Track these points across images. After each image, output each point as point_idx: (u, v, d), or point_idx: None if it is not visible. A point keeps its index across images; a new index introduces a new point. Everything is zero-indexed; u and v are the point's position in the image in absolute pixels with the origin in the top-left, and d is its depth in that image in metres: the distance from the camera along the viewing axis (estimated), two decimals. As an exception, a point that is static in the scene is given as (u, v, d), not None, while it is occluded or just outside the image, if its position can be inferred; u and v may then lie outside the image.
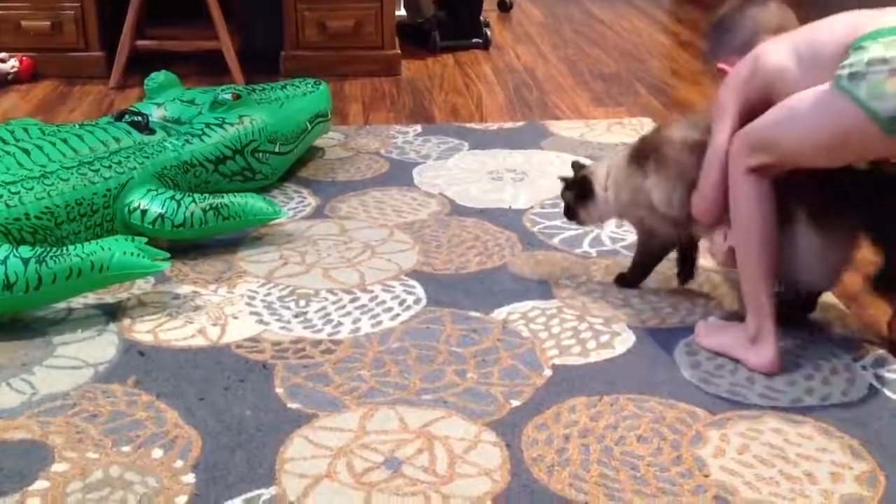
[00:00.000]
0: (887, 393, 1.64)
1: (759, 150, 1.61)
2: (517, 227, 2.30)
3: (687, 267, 2.00)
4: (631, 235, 2.23)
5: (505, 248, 2.18)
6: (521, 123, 3.05)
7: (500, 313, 1.89)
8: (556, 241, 2.22)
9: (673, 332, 1.83)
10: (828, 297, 1.95)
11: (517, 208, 2.40)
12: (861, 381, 1.67)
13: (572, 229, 2.27)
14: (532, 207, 2.40)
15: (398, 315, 1.89)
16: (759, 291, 1.68)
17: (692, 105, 3.26)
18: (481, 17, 4.07)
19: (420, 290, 1.99)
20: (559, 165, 2.68)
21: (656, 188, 1.86)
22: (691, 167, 1.78)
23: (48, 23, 3.41)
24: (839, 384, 1.66)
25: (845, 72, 1.47)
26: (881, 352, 1.76)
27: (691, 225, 1.85)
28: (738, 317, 1.89)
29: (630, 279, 2.02)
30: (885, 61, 1.43)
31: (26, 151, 2.03)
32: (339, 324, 1.85)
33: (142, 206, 2.07)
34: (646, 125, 3.01)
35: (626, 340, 1.80)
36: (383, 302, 1.94)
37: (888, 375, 1.69)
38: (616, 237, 2.24)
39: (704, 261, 2.11)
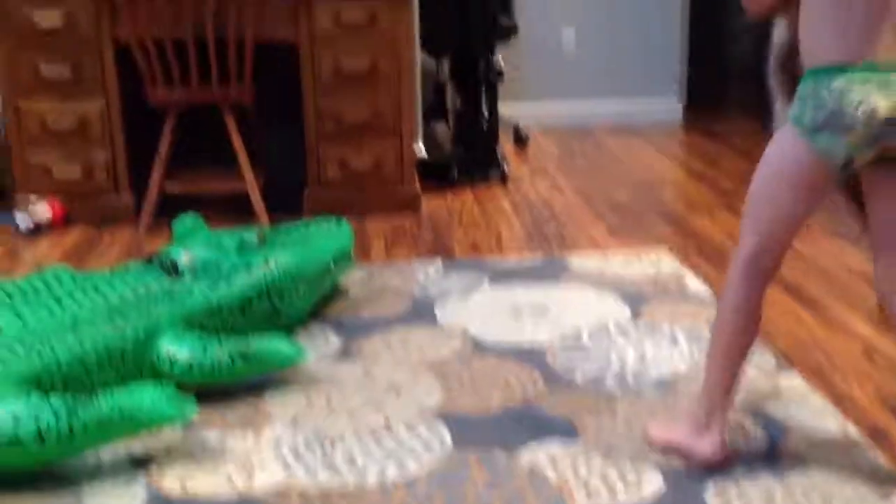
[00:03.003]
0: (922, 535, 1.61)
1: (748, 224, 1.74)
2: (540, 363, 2.31)
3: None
4: (656, 371, 2.24)
5: (528, 385, 2.19)
6: (539, 257, 3.10)
7: (525, 454, 1.89)
8: (579, 378, 2.23)
9: (702, 474, 1.81)
10: (854, 435, 1.94)
11: (539, 344, 2.41)
12: (895, 522, 1.65)
13: (595, 366, 2.28)
14: (554, 343, 2.42)
15: (423, 458, 1.89)
16: (717, 389, 1.81)
17: (708, 236, 3.30)
18: (498, 152, 4.18)
19: (445, 432, 1.99)
20: (578, 299, 2.71)
21: None
22: None
23: (79, 169, 3.53)
24: (873, 526, 1.64)
25: (807, 117, 1.62)
26: (913, 491, 1.74)
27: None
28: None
29: None
30: (839, 116, 1.59)
31: (58, 300, 2.08)
32: (365, 468, 1.85)
33: (169, 352, 2.10)
34: (663, 257, 3.05)
35: (654, 483, 1.79)
36: (408, 445, 1.94)
37: (922, 516, 1.67)
38: (640, 373, 2.24)
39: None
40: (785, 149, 1.68)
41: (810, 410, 2.05)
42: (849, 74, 1.58)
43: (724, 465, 1.82)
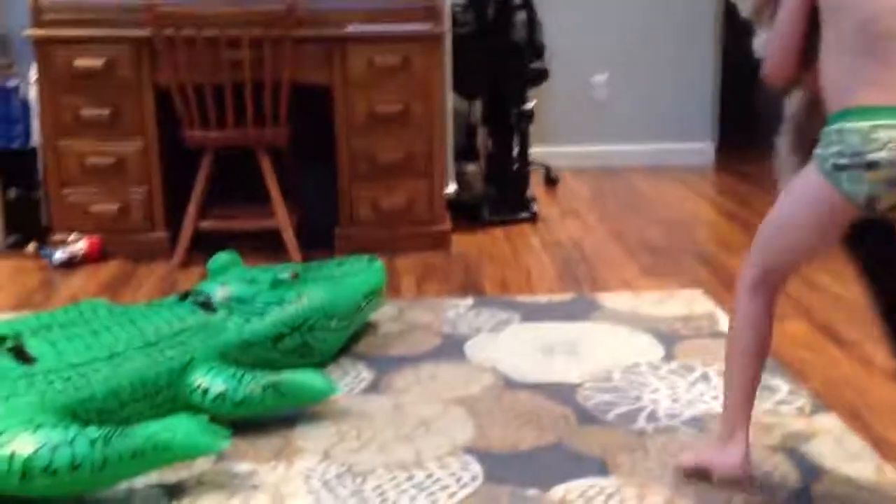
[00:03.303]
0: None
1: (758, 253, 1.80)
2: (571, 401, 2.30)
3: None
4: (688, 411, 2.22)
5: (559, 423, 2.18)
6: (570, 296, 3.10)
7: (557, 492, 1.88)
8: (611, 416, 2.22)
9: (735, 512, 1.79)
10: (891, 477, 1.91)
11: (570, 382, 2.41)
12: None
13: (627, 405, 2.27)
14: (585, 381, 2.41)
15: (455, 493, 1.88)
16: (738, 399, 1.85)
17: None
18: (528, 192, 4.20)
19: (476, 467, 1.98)
20: (610, 338, 2.70)
21: None
22: None
23: (116, 206, 3.59)
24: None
25: (830, 160, 1.65)
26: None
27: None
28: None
29: None
30: (862, 156, 1.62)
31: (95, 333, 2.11)
32: (396, 503, 1.85)
33: (203, 385, 2.11)
34: (696, 297, 3.04)
35: (687, 520, 1.77)
36: (439, 479, 1.94)
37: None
38: (673, 413, 2.23)
39: (764, 438, 2.09)
40: (807, 187, 1.71)
41: (846, 452, 2.02)
42: (875, 116, 1.61)
43: (746, 482, 1.83)
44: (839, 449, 2.03)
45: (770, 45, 1.81)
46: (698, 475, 1.90)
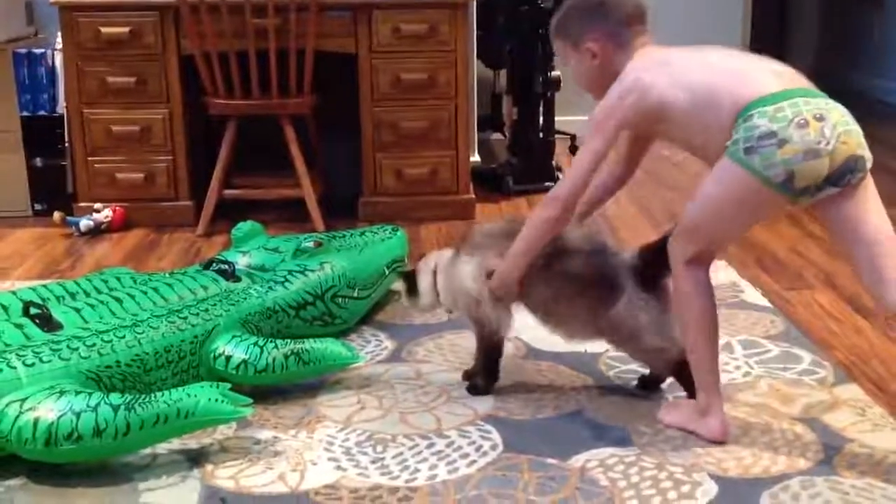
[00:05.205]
0: None
1: (688, 240, 1.86)
2: (593, 370, 2.30)
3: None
4: (709, 380, 2.21)
5: (581, 393, 2.18)
6: (594, 266, 3.08)
7: (577, 460, 1.88)
8: (633, 385, 2.21)
9: (756, 483, 1.78)
10: (917, 446, 1.90)
11: (592, 352, 2.40)
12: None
13: (649, 374, 2.26)
14: (607, 351, 2.40)
15: (475, 461, 1.89)
16: (706, 372, 1.93)
17: (770, 249, 3.26)
18: (553, 162, 4.17)
19: (496, 436, 1.99)
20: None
21: (466, 266, 2.10)
22: (492, 246, 2.09)
23: (142, 175, 3.60)
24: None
25: (740, 146, 1.73)
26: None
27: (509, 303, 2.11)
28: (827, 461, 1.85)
29: (482, 384, 2.17)
30: (773, 134, 1.70)
31: (119, 300, 2.13)
32: (416, 470, 1.86)
33: (226, 352, 2.13)
34: (719, 267, 3.01)
35: (708, 491, 1.76)
36: (460, 448, 1.94)
37: None
38: (694, 382, 2.22)
39: (786, 408, 2.08)
40: (724, 179, 1.78)
41: (869, 422, 2.01)
42: (775, 100, 1.72)
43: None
44: (862, 420, 2.02)
45: (570, 182, 1.98)
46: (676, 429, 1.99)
